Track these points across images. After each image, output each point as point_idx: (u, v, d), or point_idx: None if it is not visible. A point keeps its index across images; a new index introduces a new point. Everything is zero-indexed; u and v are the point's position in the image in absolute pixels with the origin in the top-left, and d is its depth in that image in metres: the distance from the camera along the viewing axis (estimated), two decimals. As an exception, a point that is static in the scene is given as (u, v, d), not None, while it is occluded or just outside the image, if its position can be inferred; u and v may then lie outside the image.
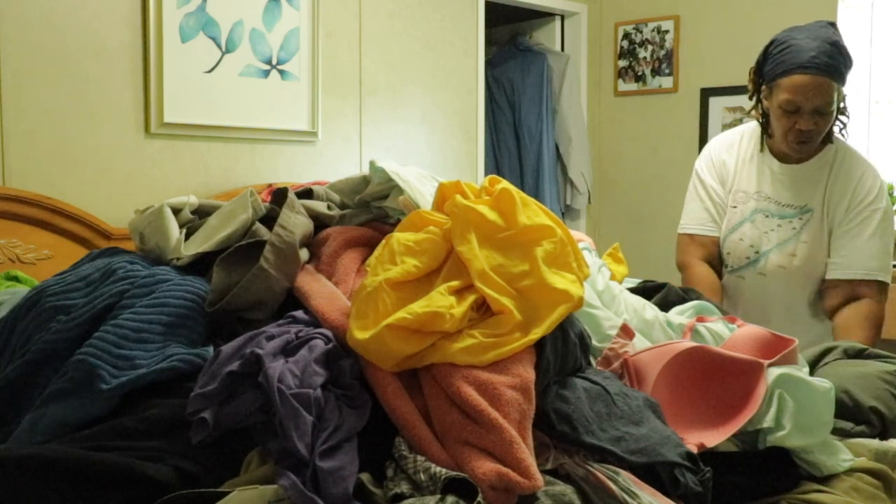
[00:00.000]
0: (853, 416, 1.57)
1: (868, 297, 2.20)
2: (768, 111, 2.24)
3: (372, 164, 1.62)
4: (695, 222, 2.43)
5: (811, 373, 1.67)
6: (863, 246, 2.19)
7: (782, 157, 2.29)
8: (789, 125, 2.16)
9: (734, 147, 2.40)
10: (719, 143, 2.46)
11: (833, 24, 2.21)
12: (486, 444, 1.12)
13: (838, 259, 2.21)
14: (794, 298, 2.28)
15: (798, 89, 2.11)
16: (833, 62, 2.10)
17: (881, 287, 2.21)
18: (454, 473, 1.09)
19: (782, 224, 2.27)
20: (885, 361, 1.74)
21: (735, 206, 2.35)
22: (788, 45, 2.15)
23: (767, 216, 2.29)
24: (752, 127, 2.39)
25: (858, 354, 1.79)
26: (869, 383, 1.62)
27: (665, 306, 1.72)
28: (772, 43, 2.22)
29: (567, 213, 5.23)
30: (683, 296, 1.80)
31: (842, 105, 2.22)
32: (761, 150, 2.33)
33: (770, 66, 2.19)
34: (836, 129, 2.26)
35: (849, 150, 2.29)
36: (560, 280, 1.29)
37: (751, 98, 2.30)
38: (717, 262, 2.42)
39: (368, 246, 1.54)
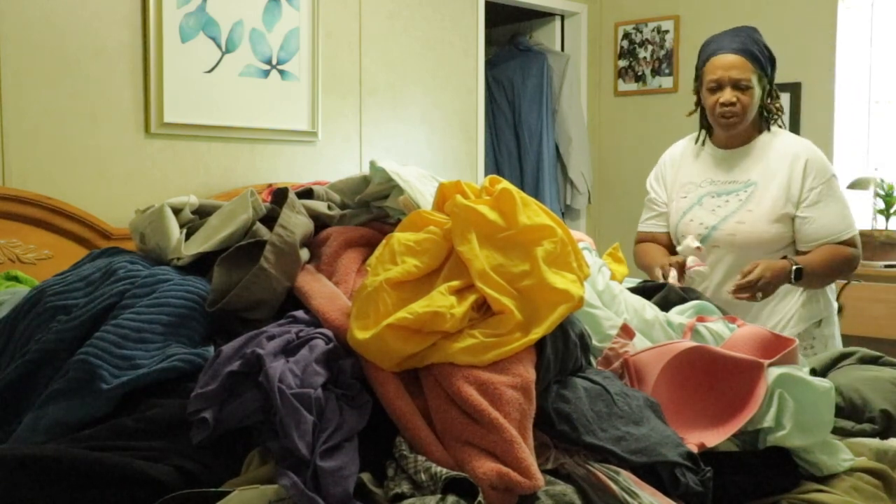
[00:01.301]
0: (861, 415, 1.57)
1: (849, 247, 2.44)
2: (705, 104, 2.50)
3: (372, 164, 1.62)
4: (647, 225, 2.73)
5: (825, 376, 1.68)
6: (833, 212, 2.40)
7: (723, 146, 2.53)
8: (714, 101, 2.43)
9: (678, 149, 2.68)
10: (667, 152, 2.74)
11: (754, 28, 2.51)
12: (487, 444, 1.12)
13: (810, 229, 2.40)
14: (744, 263, 2.39)
15: (717, 67, 2.43)
16: (746, 46, 2.41)
17: (853, 240, 2.43)
18: (455, 473, 1.09)
19: (729, 199, 2.48)
20: (901, 369, 1.75)
21: (685, 196, 2.57)
22: (710, 42, 2.50)
23: (713, 196, 2.51)
24: (701, 133, 2.63)
25: (874, 361, 1.80)
26: (881, 386, 1.63)
27: (665, 306, 1.72)
28: (700, 48, 2.54)
29: (567, 213, 5.23)
30: (683, 296, 1.80)
31: (769, 97, 2.47)
32: (703, 142, 2.58)
33: (698, 63, 2.52)
34: (772, 121, 2.51)
35: (786, 133, 2.53)
36: (560, 280, 1.29)
37: (695, 103, 2.58)
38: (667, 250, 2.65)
39: (369, 246, 1.54)
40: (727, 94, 2.40)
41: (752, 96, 2.41)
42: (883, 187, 4.14)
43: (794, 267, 2.30)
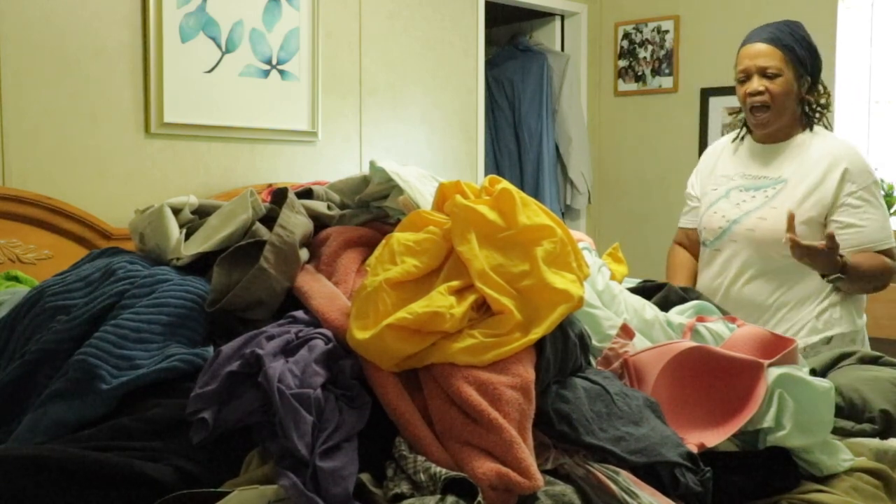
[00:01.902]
0: (861, 415, 1.57)
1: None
2: (738, 98, 2.45)
3: (372, 164, 1.62)
4: (681, 221, 2.71)
5: (825, 376, 1.68)
6: (873, 219, 2.30)
7: (761, 140, 2.45)
8: (744, 92, 2.38)
9: (721, 143, 2.62)
10: (710, 147, 2.69)
11: (796, 22, 2.42)
12: (486, 444, 1.12)
13: (847, 235, 2.27)
14: (761, 262, 2.35)
15: (744, 56, 2.38)
16: (778, 34, 2.34)
17: (891, 252, 2.32)
18: (454, 473, 1.09)
19: (756, 195, 2.40)
20: (901, 369, 1.75)
21: (715, 189, 2.51)
22: (746, 37, 2.43)
23: (742, 190, 2.43)
24: (742, 130, 2.56)
25: (874, 361, 1.80)
26: (881, 386, 1.63)
27: (665, 306, 1.72)
28: None
29: (567, 213, 5.23)
30: (683, 296, 1.80)
31: (808, 88, 2.37)
32: (742, 138, 2.52)
33: (735, 59, 2.45)
34: (815, 119, 2.42)
35: (829, 135, 2.42)
36: (560, 280, 1.29)
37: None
38: (695, 248, 2.63)
39: (368, 246, 1.54)
40: (755, 83, 2.33)
41: (784, 85, 2.32)
42: (883, 187, 4.14)
43: (841, 258, 2.16)
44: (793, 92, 2.34)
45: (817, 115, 2.41)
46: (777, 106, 2.34)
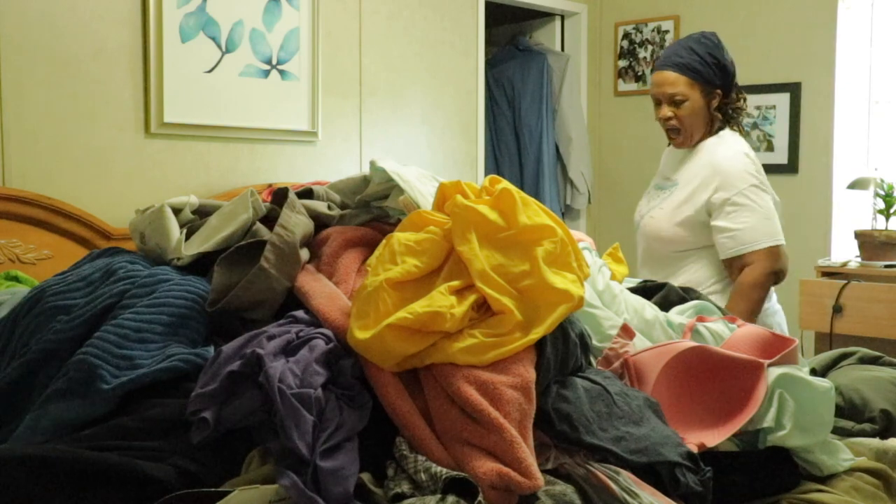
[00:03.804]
0: (861, 415, 1.57)
1: (753, 263, 2.43)
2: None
3: (372, 163, 1.62)
4: None
5: (825, 376, 1.68)
6: (744, 223, 2.42)
7: (677, 145, 2.63)
8: (658, 117, 2.58)
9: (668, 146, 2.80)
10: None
11: (707, 34, 2.55)
12: (487, 444, 1.12)
13: (723, 239, 2.45)
14: (651, 253, 2.61)
15: (653, 83, 2.58)
16: (680, 59, 2.49)
17: (769, 251, 2.43)
18: (455, 473, 1.09)
19: (660, 194, 2.63)
20: (900, 369, 1.75)
21: (648, 187, 2.77)
22: (658, 58, 2.62)
23: (656, 189, 2.69)
24: None
25: (874, 361, 1.80)
26: (881, 386, 1.63)
27: (665, 306, 1.72)
28: None
29: (567, 213, 5.23)
30: (683, 296, 1.80)
31: (723, 102, 2.52)
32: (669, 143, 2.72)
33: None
34: (733, 123, 2.56)
35: (727, 140, 2.54)
36: (560, 280, 1.29)
37: None
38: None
39: (369, 246, 1.54)
40: (664, 110, 2.53)
41: (690, 108, 2.49)
42: (883, 187, 4.14)
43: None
44: (701, 110, 2.51)
45: (731, 119, 2.56)
46: (686, 128, 2.53)
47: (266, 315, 1.41)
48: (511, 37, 5.35)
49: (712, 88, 2.50)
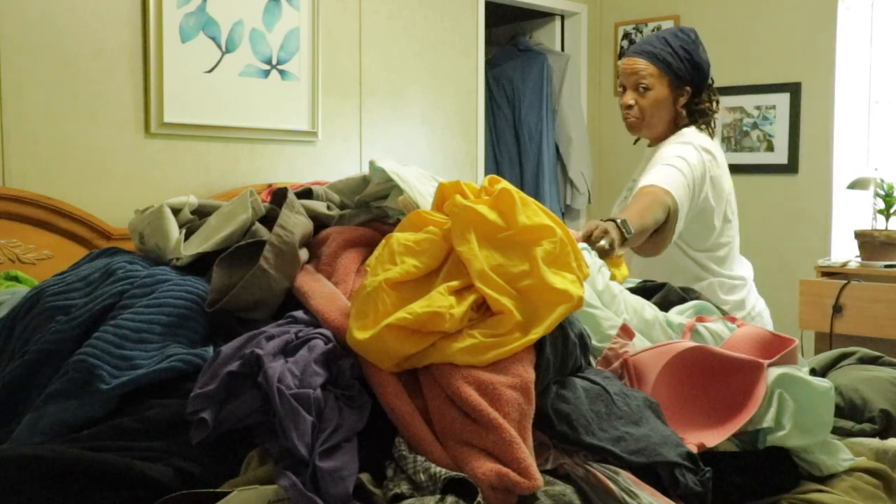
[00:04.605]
0: (861, 415, 1.57)
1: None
2: None
3: (372, 163, 1.62)
4: None
5: (825, 376, 1.68)
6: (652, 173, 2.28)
7: (649, 143, 2.56)
8: (619, 102, 2.51)
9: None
10: None
11: (685, 30, 2.46)
12: (486, 444, 1.12)
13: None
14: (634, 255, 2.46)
15: (622, 70, 2.49)
16: (649, 47, 2.41)
17: (664, 191, 2.24)
18: (454, 473, 1.09)
19: (628, 196, 2.53)
20: (900, 369, 1.75)
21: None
22: (630, 47, 2.51)
23: (626, 191, 2.61)
24: None
25: (873, 361, 1.80)
26: (881, 386, 1.63)
27: (665, 306, 1.72)
28: None
29: (567, 213, 5.23)
30: (683, 296, 1.80)
31: (693, 101, 2.42)
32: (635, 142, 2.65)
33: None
34: (703, 124, 2.45)
35: (682, 135, 2.43)
36: (560, 280, 1.29)
37: None
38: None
39: (368, 246, 1.54)
40: (627, 97, 2.46)
41: (654, 98, 2.40)
42: (883, 187, 4.14)
43: (619, 219, 2.01)
44: (666, 103, 2.42)
45: (700, 121, 2.45)
46: (647, 118, 2.44)
47: (265, 315, 1.41)
48: (511, 37, 5.35)
49: (681, 84, 2.41)
